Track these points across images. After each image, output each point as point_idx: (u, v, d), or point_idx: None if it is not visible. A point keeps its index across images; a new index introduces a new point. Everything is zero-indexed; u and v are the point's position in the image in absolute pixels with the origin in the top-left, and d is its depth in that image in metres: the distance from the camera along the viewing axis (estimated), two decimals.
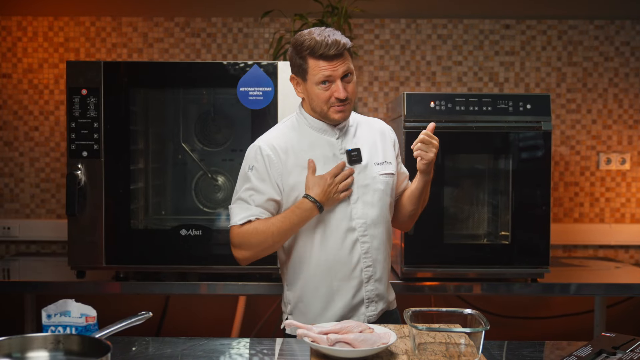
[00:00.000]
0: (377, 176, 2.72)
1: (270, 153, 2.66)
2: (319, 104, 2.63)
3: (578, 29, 4.64)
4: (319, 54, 2.55)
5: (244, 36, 4.63)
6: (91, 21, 4.61)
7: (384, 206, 2.74)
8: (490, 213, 3.83)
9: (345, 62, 2.58)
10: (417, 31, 4.65)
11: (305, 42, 2.58)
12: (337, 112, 2.62)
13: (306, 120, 2.72)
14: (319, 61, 2.56)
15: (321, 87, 2.59)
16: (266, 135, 2.75)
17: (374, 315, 2.74)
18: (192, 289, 3.60)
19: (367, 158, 2.72)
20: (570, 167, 4.65)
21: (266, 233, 2.61)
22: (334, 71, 2.56)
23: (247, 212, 2.66)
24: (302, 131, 2.72)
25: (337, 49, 2.54)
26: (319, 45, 2.54)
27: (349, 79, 2.62)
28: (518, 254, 3.59)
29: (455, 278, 3.63)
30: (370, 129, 2.82)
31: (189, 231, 3.53)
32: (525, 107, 3.56)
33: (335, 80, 2.58)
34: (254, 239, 2.64)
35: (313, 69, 2.58)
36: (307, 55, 2.58)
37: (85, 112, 3.46)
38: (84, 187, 3.48)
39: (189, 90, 3.83)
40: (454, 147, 3.62)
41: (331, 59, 2.56)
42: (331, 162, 2.67)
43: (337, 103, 2.60)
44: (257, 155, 2.68)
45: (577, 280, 3.73)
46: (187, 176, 3.93)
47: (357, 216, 2.67)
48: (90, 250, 3.52)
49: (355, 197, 2.68)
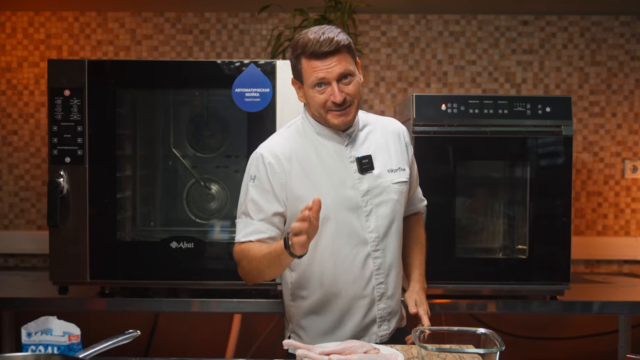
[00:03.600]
0: (391, 185, 2.71)
1: (272, 161, 2.64)
2: (316, 107, 2.62)
3: (602, 25, 4.65)
4: (310, 53, 2.53)
5: (240, 33, 4.65)
6: (74, 16, 4.63)
7: (398, 217, 2.75)
8: (506, 225, 3.83)
9: (341, 62, 2.55)
10: (428, 27, 4.66)
11: (299, 41, 2.58)
12: (336, 117, 2.61)
13: (311, 125, 2.71)
14: (312, 61, 2.55)
15: (316, 91, 2.58)
16: (268, 142, 2.73)
17: (386, 334, 2.76)
18: (184, 306, 3.59)
19: (380, 165, 2.71)
20: (593, 176, 4.66)
21: (254, 263, 2.58)
22: (327, 72, 2.54)
23: (250, 228, 2.64)
24: (307, 137, 2.71)
25: (329, 46, 2.51)
26: (310, 43, 2.52)
27: (349, 80, 2.58)
28: (536, 269, 3.58)
29: (468, 295, 3.62)
30: (384, 131, 2.81)
31: (179, 244, 3.52)
32: (544, 110, 3.55)
33: (331, 83, 2.56)
34: (246, 264, 2.63)
35: (307, 70, 2.57)
36: (300, 55, 2.57)
37: (68, 115, 3.46)
38: (66, 195, 3.48)
39: (180, 92, 3.84)
40: (466, 154, 3.63)
41: (324, 58, 2.53)
42: (340, 171, 2.67)
43: (334, 107, 2.59)
44: (258, 164, 2.66)
45: (600, 298, 3.72)
46: (177, 184, 3.94)
47: (370, 229, 2.67)
48: (74, 264, 3.51)
49: (369, 208, 2.67)
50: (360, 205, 2.66)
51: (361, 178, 2.67)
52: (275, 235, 2.65)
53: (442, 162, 3.57)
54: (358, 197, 2.66)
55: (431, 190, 3.36)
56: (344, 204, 2.64)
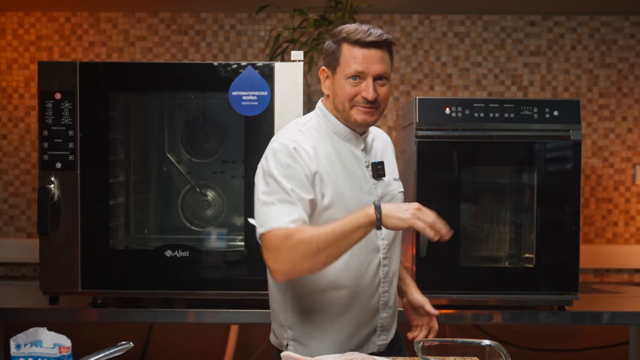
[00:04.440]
0: (397, 194, 2.75)
1: (301, 151, 2.53)
2: (342, 99, 2.57)
3: (612, 25, 4.64)
4: (356, 40, 2.52)
5: (237, 34, 4.65)
6: (66, 17, 4.63)
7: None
8: (512, 233, 3.83)
9: (383, 62, 2.55)
10: (431, 28, 4.66)
11: (344, 28, 2.58)
12: (361, 113, 2.57)
13: (330, 123, 2.66)
14: (355, 48, 2.53)
15: (350, 82, 2.55)
16: (289, 134, 2.61)
17: (384, 344, 2.75)
18: (179, 317, 3.59)
19: (388, 173, 2.73)
20: (603, 182, 4.65)
21: (314, 241, 2.40)
22: (367, 67, 2.53)
23: (295, 215, 2.46)
24: (326, 136, 2.66)
25: (378, 37, 2.52)
26: (358, 31, 2.53)
27: (383, 82, 2.58)
28: (543, 278, 3.58)
29: (473, 305, 3.62)
30: (382, 140, 2.84)
31: (174, 252, 3.50)
32: (552, 113, 3.55)
33: (367, 78, 2.54)
34: (297, 243, 2.40)
35: (347, 57, 2.55)
36: (343, 40, 2.56)
37: (59, 119, 3.45)
38: (57, 202, 3.47)
39: (175, 95, 3.84)
40: (471, 159, 3.62)
41: (368, 48, 2.52)
42: (359, 175, 2.64)
43: (362, 103, 2.56)
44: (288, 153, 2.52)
45: (610, 309, 3.72)
46: (172, 191, 3.94)
47: (382, 236, 2.66)
48: (65, 274, 3.50)
49: None
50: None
51: (375, 184, 2.67)
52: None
53: (446, 167, 3.56)
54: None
55: (435, 197, 3.39)
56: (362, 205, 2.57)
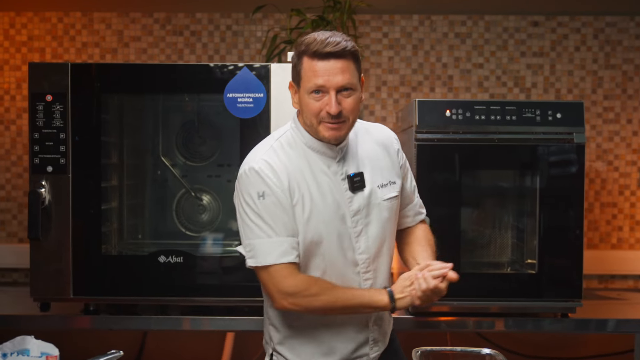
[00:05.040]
0: (382, 202, 2.67)
1: (272, 176, 2.54)
2: (309, 116, 2.55)
3: (617, 26, 4.64)
4: (313, 52, 2.47)
5: (233, 34, 4.64)
6: (58, 17, 4.62)
7: (389, 236, 2.72)
8: (514, 238, 3.82)
9: (345, 72, 2.48)
10: (432, 29, 4.65)
11: (304, 40, 2.53)
12: (328, 130, 2.54)
13: (302, 136, 2.63)
14: (313, 61, 2.48)
15: (312, 97, 2.51)
16: (261, 154, 2.62)
17: (377, 355, 2.74)
18: (173, 324, 3.58)
19: (370, 181, 2.66)
20: (608, 186, 4.64)
21: (330, 301, 2.54)
22: (327, 80, 2.47)
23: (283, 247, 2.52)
24: (299, 150, 2.63)
25: (335, 47, 2.45)
26: (315, 42, 2.47)
27: (349, 93, 2.52)
28: (546, 285, 3.57)
29: (475, 312, 3.61)
30: (372, 141, 2.76)
31: (168, 258, 3.49)
32: (555, 116, 3.54)
33: (329, 92, 2.49)
34: (318, 292, 2.54)
35: (306, 72, 2.50)
36: (303, 53, 2.52)
37: (50, 121, 3.44)
38: (48, 207, 3.46)
39: (169, 97, 3.83)
40: (473, 162, 3.61)
41: (326, 59, 2.46)
42: (333, 190, 2.61)
43: (327, 119, 2.52)
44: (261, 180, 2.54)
45: (614, 316, 3.72)
46: (167, 195, 3.92)
47: (360, 250, 2.63)
48: (56, 280, 3.48)
49: (359, 228, 2.62)
50: (349, 225, 2.61)
51: (352, 197, 2.62)
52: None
53: (446, 171, 3.55)
54: (348, 218, 2.61)
55: (435, 202, 3.36)
56: (335, 225, 2.60)
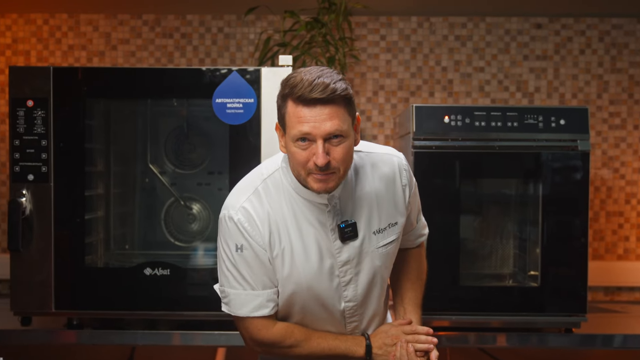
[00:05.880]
0: (375, 250, 2.56)
1: (250, 230, 2.46)
2: (296, 166, 2.39)
3: (623, 28, 4.63)
4: (298, 96, 2.28)
5: (225, 37, 4.63)
6: (44, 19, 4.61)
7: (381, 281, 2.63)
8: (516, 249, 3.82)
9: (334, 118, 2.29)
10: (431, 31, 4.64)
11: (289, 80, 2.33)
12: (316, 182, 2.37)
13: (291, 181, 2.49)
14: (298, 107, 2.30)
15: (298, 146, 2.33)
16: (242, 200, 2.51)
17: None
18: (163, 339, 3.58)
19: (365, 227, 2.54)
20: (614, 194, 4.63)
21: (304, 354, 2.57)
22: (314, 127, 2.28)
23: (258, 300, 2.52)
24: (285, 195, 2.51)
25: (322, 92, 2.25)
26: (301, 84, 2.27)
27: (339, 141, 2.32)
28: (550, 298, 3.56)
29: (476, 327, 3.60)
30: (376, 177, 2.59)
31: (154, 270, 3.47)
32: (558, 122, 3.53)
33: (316, 140, 2.30)
34: (289, 352, 2.59)
35: (291, 118, 2.32)
36: (287, 96, 2.33)
37: (32, 128, 3.41)
38: (29, 216, 3.43)
39: (157, 102, 3.81)
40: (473, 171, 3.60)
41: (312, 105, 2.27)
42: (319, 241, 2.50)
43: (315, 170, 2.33)
44: (239, 232, 2.47)
45: (621, 331, 3.70)
46: (155, 204, 3.92)
47: (347, 299, 2.57)
48: (37, 293, 3.46)
49: (347, 278, 2.54)
50: (337, 275, 2.53)
51: (341, 247, 2.51)
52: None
53: (445, 180, 3.54)
54: (335, 268, 2.52)
55: (433, 212, 3.33)
56: (319, 276, 2.52)
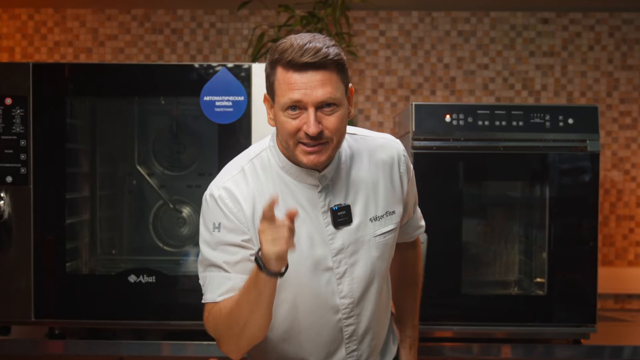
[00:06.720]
0: (372, 239, 2.47)
1: (232, 206, 2.37)
2: (285, 136, 2.31)
3: (634, 23, 4.61)
4: (288, 61, 2.23)
5: (217, 32, 4.63)
6: (29, 14, 4.62)
7: (379, 275, 2.53)
8: (522, 255, 3.79)
9: (326, 85, 2.24)
10: (433, 26, 4.63)
11: (279, 45, 2.30)
12: (305, 154, 2.29)
13: (278, 159, 2.43)
14: (288, 72, 2.24)
15: (288, 114, 2.26)
16: (226, 179, 2.43)
17: None
18: (151, 350, 3.52)
19: (361, 213, 2.46)
20: (624, 197, 4.60)
21: (233, 315, 2.29)
22: (305, 94, 2.22)
23: (228, 284, 2.34)
24: (273, 175, 2.44)
25: (313, 56, 2.21)
26: (291, 49, 2.23)
27: (332, 110, 2.27)
28: (557, 307, 3.52)
29: (480, 338, 3.55)
30: (372, 162, 2.53)
31: (139, 277, 3.42)
32: (566, 121, 3.50)
33: (308, 108, 2.24)
34: (223, 323, 2.33)
35: (280, 85, 2.26)
36: (276, 62, 2.28)
37: (10, 127, 3.39)
38: (7, 221, 3.41)
39: (144, 100, 3.80)
40: (476, 173, 3.57)
41: (304, 71, 2.23)
42: (309, 225, 2.42)
43: (305, 139, 2.27)
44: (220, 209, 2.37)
45: (631, 341, 3.66)
46: (144, 207, 3.92)
47: (342, 294, 2.46)
48: (16, 301, 3.43)
49: (342, 269, 2.44)
50: (331, 266, 2.43)
51: (334, 233, 2.43)
52: None
53: (446, 182, 3.51)
54: (329, 257, 2.42)
55: (434, 216, 3.26)
56: (310, 266, 2.42)
